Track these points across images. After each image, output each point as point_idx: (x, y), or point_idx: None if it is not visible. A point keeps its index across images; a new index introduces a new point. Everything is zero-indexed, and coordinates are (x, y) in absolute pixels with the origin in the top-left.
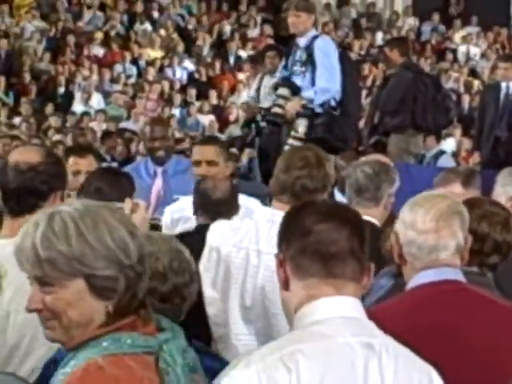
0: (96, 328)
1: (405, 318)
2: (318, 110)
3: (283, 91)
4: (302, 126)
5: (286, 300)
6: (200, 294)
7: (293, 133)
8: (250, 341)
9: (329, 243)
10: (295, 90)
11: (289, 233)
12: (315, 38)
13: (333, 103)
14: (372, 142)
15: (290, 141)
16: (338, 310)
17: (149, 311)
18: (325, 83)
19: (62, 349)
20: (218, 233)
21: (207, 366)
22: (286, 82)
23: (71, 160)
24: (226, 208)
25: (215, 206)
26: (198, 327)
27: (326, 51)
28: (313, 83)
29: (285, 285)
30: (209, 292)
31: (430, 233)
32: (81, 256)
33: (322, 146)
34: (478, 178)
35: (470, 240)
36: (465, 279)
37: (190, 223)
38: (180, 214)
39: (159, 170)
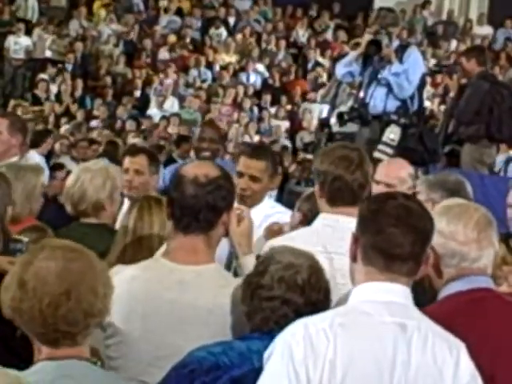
0: None
1: (443, 324)
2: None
3: None
4: (393, 133)
5: (353, 270)
6: None
7: (384, 139)
8: None
9: (394, 246)
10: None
11: (367, 223)
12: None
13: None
14: (447, 151)
15: (381, 146)
16: (383, 294)
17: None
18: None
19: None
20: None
21: None
22: None
23: (126, 160)
24: None
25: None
26: None
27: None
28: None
29: (353, 258)
30: None
31: (472, 243)
32: None
33: (412, 156)
34: None
35: None
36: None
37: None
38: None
39: None
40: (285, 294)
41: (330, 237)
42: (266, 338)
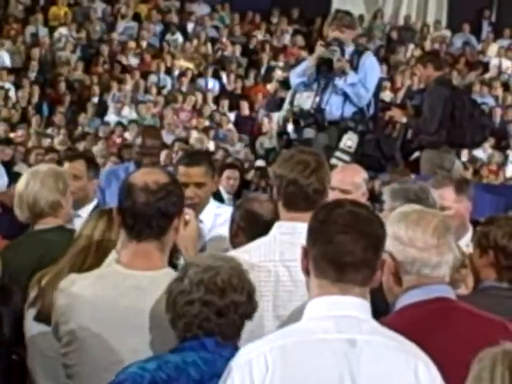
0: None
1: (404, 334)
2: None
3: None
4: (351, 140)
5: (307, 283)
6: None
7: (341, 145)
8: None
9: (345, 253)
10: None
11: (315, 235)
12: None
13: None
14: (413, 159)
15: (338, 153)
16: (335, 309)
17: None
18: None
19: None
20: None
21: None
22: None
23: (64, 165)
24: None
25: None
26: None
27: (374, 65)
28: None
29: (306, 273)
30: None
31: (432, 249)
32: None
33: (370, 162)
34: (471, 188)
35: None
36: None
37: None
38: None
39: None
40: (204, 296)
41: (287, 244)
42: (198, 348)
